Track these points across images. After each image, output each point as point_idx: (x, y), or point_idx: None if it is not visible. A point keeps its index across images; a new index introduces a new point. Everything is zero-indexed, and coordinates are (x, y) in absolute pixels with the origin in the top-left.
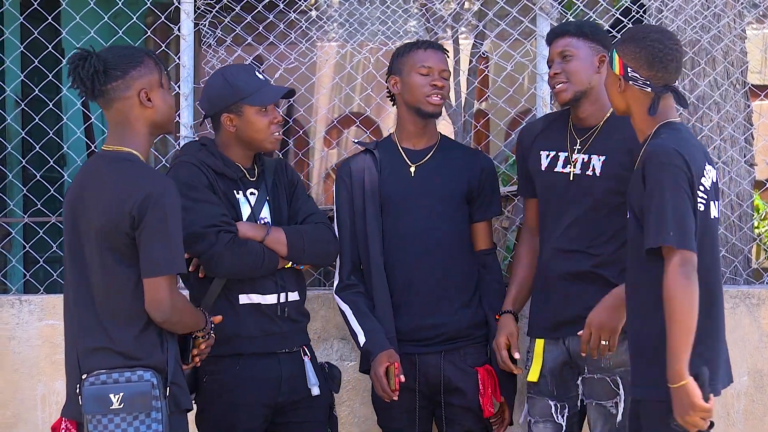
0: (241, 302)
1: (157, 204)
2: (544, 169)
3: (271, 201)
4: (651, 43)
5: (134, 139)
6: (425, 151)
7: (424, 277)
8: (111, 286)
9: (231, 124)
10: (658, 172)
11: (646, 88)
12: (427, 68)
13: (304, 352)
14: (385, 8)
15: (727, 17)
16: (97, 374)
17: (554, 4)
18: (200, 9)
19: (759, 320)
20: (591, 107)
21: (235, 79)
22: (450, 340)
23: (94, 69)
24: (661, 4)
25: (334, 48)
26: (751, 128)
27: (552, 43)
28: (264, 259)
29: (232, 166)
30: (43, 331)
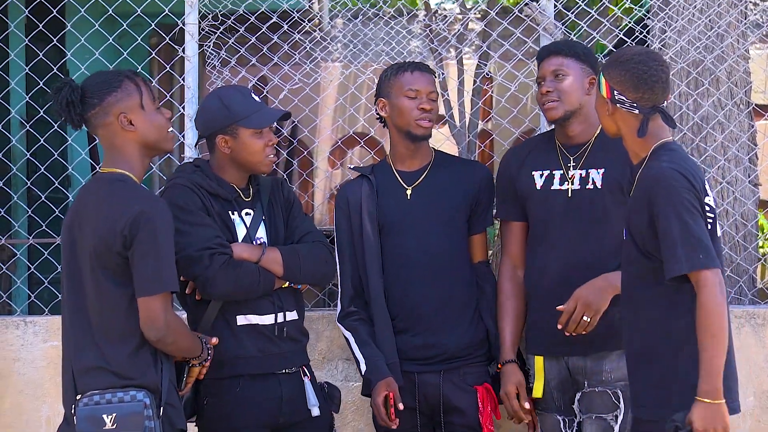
0: (238, 323)
1: (148, 223)
2: (540, 188)
3: (267, 220)
4: (635, 65)
5: (126, 160)
6: (420, 171)
7: (425, 297)
8: (105, 306)
9: (226, 146)
10: (669, 197)
11: (634, 110)
12: (414, 91)
13: (303, 373)
14: (389, 29)
15: (731, 37)
16: (91, 395)
17: (558, 24)
18: (204, 30)
19: (764, 340)
20: (580, 126)
21: (230, 101)
22: (450, 360)
23: (68, 100)
24: (664, 24)
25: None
26: (755, 148)
27: (543, 60)
28: (260, 280)
29: (226, 187)
30: (48, 352)
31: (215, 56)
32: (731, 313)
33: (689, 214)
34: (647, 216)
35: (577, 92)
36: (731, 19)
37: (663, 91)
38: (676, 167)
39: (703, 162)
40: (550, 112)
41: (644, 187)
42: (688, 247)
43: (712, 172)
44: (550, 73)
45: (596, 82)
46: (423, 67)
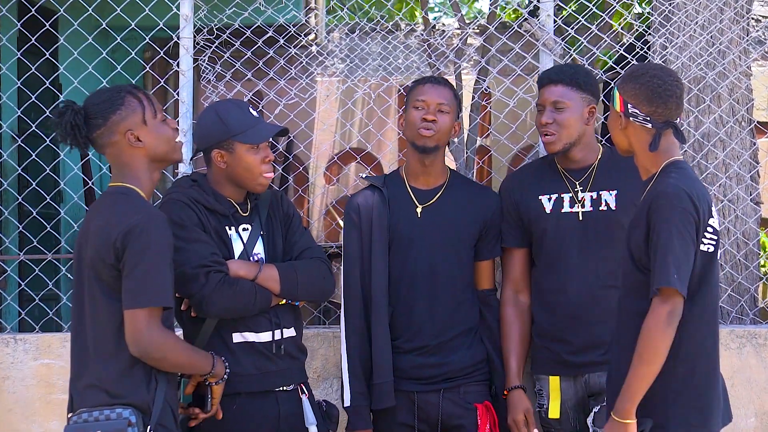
0: (234, 341)
1: (141, 236)
2: (551, 212)
3: (265, 236)
4: (650, 79)
5: (134, 175)
6: (434, 191)
7: (428, 317)
8: (99, 321)
9: (222, 161)
10: (668, 214)
11: (647, 124)
12: (422, 102)
13: (301, 390)
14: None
15: (733, 54)
16: (80, 412)
17: (557, 40)
18: (199, 44)
19: (766, 360)
20: (581, 152)
21: (227, 116)
22: (450, 379)
23: (72, 123)
24: (665, 40)
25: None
26: (757, 166)
27: (544, 87)
28: (256, 298)
29: (223, 202)
30: (38, 370)
31: (210, 70)
32: (732, 333)
33: (679, 236)
34: (645, 229)
35: (575, 124)
36: (733, 36)
37: (676, 107)
38: (683, 186)
39: (704, 180)
40: (548, 145)
41: (648, 200)
42: (667, 263)
43: (714, 189)
44: (550, 103)
45: (596, 111)
46: (439, 80)
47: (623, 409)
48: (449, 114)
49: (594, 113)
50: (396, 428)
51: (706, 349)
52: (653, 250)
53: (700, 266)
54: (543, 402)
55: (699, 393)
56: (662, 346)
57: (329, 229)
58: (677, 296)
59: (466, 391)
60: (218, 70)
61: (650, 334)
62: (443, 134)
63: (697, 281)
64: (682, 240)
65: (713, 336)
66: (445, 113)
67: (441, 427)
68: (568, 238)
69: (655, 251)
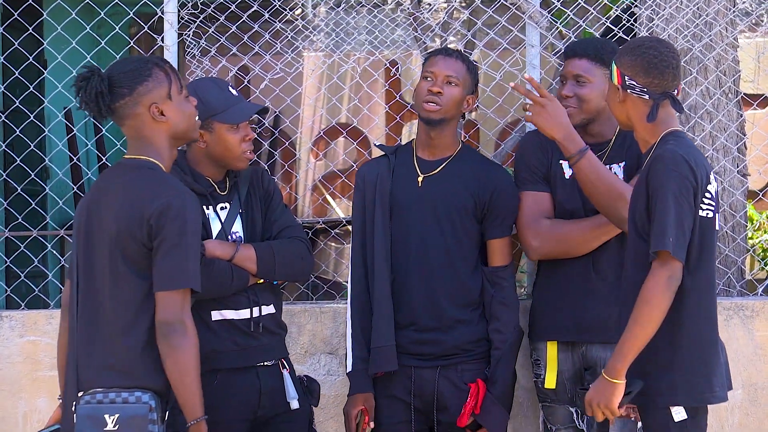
0: (213, 318)
1: (177, 217)
2: (569, 178)
3: (244, 214)
4: (646, 50)
5: (155, 150)
6: (438, 162)
7: (423, 290)
8: (119, 297)
9: (201, 140)
10: (664, 178)
11: (644, 95)
12: (430, 73)
13: (282, 365)
14: (372, 17)
15: (719, 26)
16: (94, 392)
17: (544, 12)
18: (184, 19)
19: (753, 332)
20: (600, 126)
21: (206, 94)
22: (448, 356)
23: (97, 90)
24: (652, 12)
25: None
26: (744, 138)
27: (568, 59)
28: (232, 278)
29: (201, 181)
30: (25, 347)
31: (195, 45)
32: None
33: (676, 199)
34: (646, 197)
35: (596, 99)
36: (720, 7)
37: (673, 78)
38: (681, 151)
39: None
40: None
41: (647, 168)
42: (664, 226)
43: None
44: (573, 77)
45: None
46: (451, 52)
47: (613, 368)
48: (458, 87)
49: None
50: (392, 402)
51: (710, 315)
52: (651, 215)
53: (699, 232)
54: (540, 372)
55: (704, 360)
56: (658, 309)
57: (316, 204)
58: (674, 260)
59: (463, 369)
60: (203, 44)
61: (647, 296)
62: (450, 107)
63: (698, 247)
64: (678, 205)
65: (714, 302)
66: (453, 85)
67: (436, 404)
68: (578, 205)
69: (653, 216)
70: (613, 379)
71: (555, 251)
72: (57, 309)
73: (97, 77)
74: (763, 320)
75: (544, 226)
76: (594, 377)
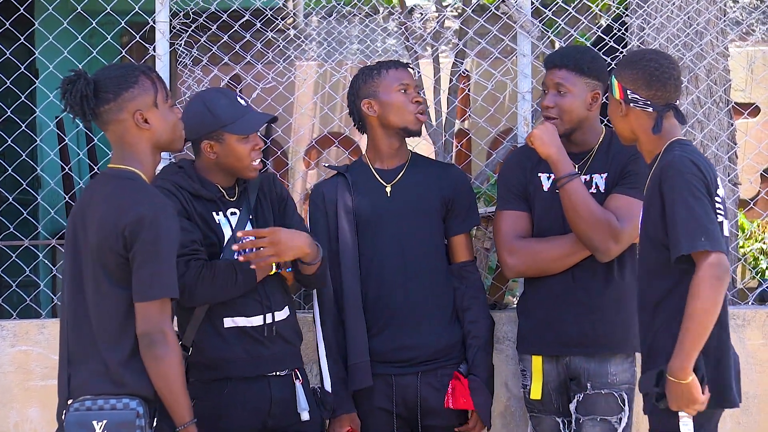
0: (225, 326)
1: (151, 226)
2: (547, 191)
3: (255, 219)
4: (647, 62)
5: (136, 158)
6: (398, 169)
7: (402, 297)
8: (103, 307)
9: (211, 151)
10: (677, 182)
11: (648, 108)
12: (405, 85)
13: (296, 376)
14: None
15: (710, 35)
16: (83, 400)
17: (535, 22)
18: (176, 29)
19: (744, 341)
20: (583, 136)
21: (215, 106)
22: (427, 362)
23: (82, 93)
24: (642, 21)
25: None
26: (735, 147)
27: (549, 70)
28: (236, 278)
29: (209, 187)
30: (16, 357)
31: (187, 55)
32: None
33: (693, 197)
34: (660, 206)
35: (578, 109)
36: (710, 17)
37: (675, 89)
38: (688, 155)
39: None
40: None
41: (656, 176)
42: (689, 228)
43: None
44: (554, 86)
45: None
46: (402, 63)
47: (680, 368)
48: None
49: (598, 98)
50: (374, 413)
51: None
52: (671, 221)
53: None
54: (527, 383)
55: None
56: (709, 301)
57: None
58: (714, 252)
59: (443, 373)
60: (195, 54)
61: (695, 291)
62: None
63: None
64: (699, 201)
65: (726, 308)
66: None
67: (420, 410)
68: (557, 217)
69: (674, 221)
70: (682, 380)
71: (531, 270)
72: (48, 319)
73: (83, 80)
74: (754, 329)
75: (521, 244)
76: (579, 388)
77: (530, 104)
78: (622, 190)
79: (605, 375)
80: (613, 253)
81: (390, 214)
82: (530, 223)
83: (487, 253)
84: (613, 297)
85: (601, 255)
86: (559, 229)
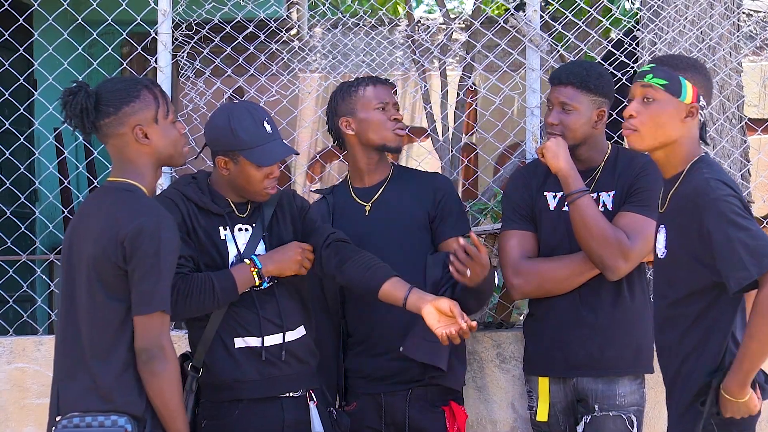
0: (236, 345)
1: (152, 238)
2: (553, 209)
3: (269, 237)
4: (708, 72)
5: (136, 171)
6: (378, 186)
7: (387, 315)
8: (97, 321)
9: (224, 167)
10: (719, 207)
11: (701, 117)
12: (384, 104)
13: (310, 397)
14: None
15: (723, 50)
16: (71, 417)
17: (544, 36)
18: (178, 40)
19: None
20: (588, 153)
21: (238, 126)
22: (417, 380)
23: (82, 106)
24: (654, 36)
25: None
26: (748, 164)
27: (554, 86)
28: (214, 289)
29: (219, 202)
30: (12, 374)
31: (189, 67)
32: None
33: (743, 219)
34: (696, 230)
35: (583, 127)
36: (723, 31)
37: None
38: (719, 177)
39: None
40: None
41: (688, 200)
42: (752, 251)
43: None
44: (558, 103)
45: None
46: (381, 80)
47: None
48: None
49: (603, 116)
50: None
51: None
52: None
53: None
54: (533, 404)
55: None
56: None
57: None
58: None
59: (432, 392)
60: (197, 66)
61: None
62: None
63: None
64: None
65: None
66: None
67: (408, 430)
68: (564, 236)
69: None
70: (739, 399)
71: (537, 290)
72: (45, 335)
73: (84, 93)
74: None
75: (527, 265)
76: (587, 409)
77: (539, 119)
78: (632, 208)
79: (613, 397)
80: (623, 271)
81: (369, 233)
82: (536, 243)
83: (494, 271)
84: (622, 317)
85: (611, 273)
86: (565, 249)
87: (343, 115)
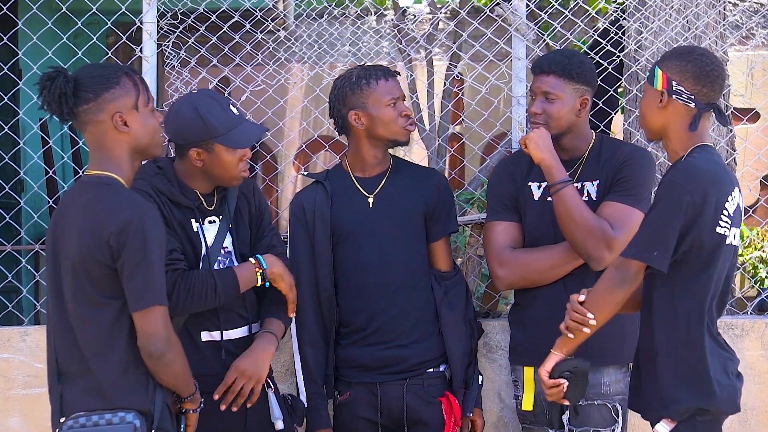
0: (203, 339)
1: (137, 233)
2: (538, 199)
3: (234, 229)
4: (698, 57)
5: (114, 162)
6: (379, 177)
7: (386, 306)
8: (90, 320)
9: (198, 158)
10: (668, 186)
11: (690, 103)
12: (395, 99)
13: (267, 384)
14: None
15: (709, 39)
16: (77, 417)
17: (530, 25)
18: (163, 29)
19: (743, 351)
20: (572, 142)
21: (208, 114)
22: (413, 370)
23: (61, 91)
24: (640, 25)
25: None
26: (734, 153)
27: (537, 75)
28: (216, 287)
29: (189, 195)
30: None
31: (174, 56)
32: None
33: (666, 208)
34: None
35: (566, 116)
36: (709, 20)
37: (719, 90)
38: (699, 163)
39: None
40: None
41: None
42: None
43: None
44: (541, 93)
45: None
46: (391, 72)
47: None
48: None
49: (587, 104)
50: (358, 423)
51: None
52: None
53: (710, 246)
54: (518, 393)
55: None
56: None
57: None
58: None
59: (429, 383)
60: (183, 55)
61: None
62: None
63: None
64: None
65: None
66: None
67: (407, 420)
68: (548, 226)
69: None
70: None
71: (522, 281)
72: (31, 326)
73: (63, 78)
74: (753, 339)
75: (511, 255)
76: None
77: (525, 108)
78: (616, 197)
79: (598, 386)
80: (607, 261)
81: (372, 224)
82: (521, 234)
83: (480, 261)
84: None
85: (595, 263)
86: (550, 239)
87: (353, 108)
